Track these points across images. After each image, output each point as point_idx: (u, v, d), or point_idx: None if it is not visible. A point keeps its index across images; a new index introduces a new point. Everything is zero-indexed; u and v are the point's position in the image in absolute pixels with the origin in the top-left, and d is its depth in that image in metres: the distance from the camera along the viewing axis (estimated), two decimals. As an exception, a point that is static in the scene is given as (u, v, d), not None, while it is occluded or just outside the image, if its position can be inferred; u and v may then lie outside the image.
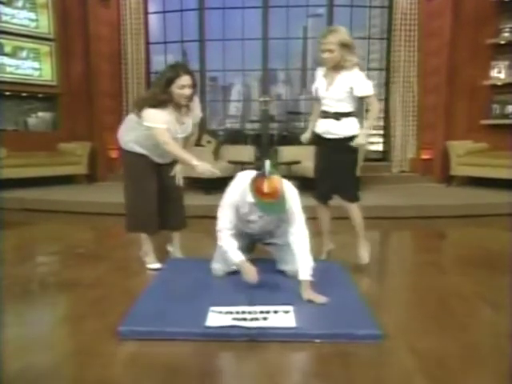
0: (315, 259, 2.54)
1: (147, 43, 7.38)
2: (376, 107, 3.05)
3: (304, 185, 3.66)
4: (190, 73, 2.76)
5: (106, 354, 1.95)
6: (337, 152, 3.03)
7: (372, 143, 7.51)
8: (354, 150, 3.06)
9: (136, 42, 7.13)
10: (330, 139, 3.05)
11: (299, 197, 2.58)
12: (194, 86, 2.78)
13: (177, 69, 2.76)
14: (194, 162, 2.73)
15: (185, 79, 2.71)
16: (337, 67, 2.96)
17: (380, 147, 7.47)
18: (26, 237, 4.22)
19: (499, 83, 6.35)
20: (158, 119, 2.73)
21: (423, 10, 6.66)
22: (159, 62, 7.80)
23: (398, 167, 6.97)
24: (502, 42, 6.30)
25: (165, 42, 7.56)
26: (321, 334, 2.04)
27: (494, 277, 3.01)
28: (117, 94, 7.22)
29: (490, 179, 5.93)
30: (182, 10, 7.38)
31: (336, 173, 3.07)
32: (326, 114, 3.05)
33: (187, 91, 2.73)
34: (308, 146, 5.12)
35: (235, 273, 2.75)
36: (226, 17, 7.36)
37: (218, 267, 2.79)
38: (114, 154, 7.19)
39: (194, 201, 4.43)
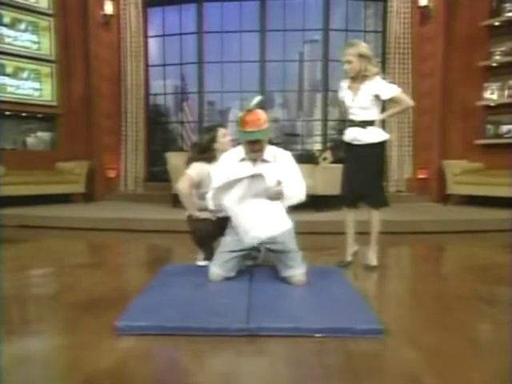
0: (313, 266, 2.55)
1: (146, 65, 7.54)
2: (406, 103, 3.19)
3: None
4: (224, 126, 3.27)
5: (101, 349, 1.89)
6: (364, 158, 3.18)
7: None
8: (380, 157, 3.24)
9: (136, 64, 7.29)
10: (357, 145, 3.19)
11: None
12: None
13: (215, 126, 3.31)
14: (196, 213, 3.03)
15: (223, 130, 3.18)
16: (359, 77, 3.14)
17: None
18: (23, 250, 4.17)
19: (492, 104, 6.47)
20: (193, 168, 3.06)
21: (416, 35, 6.87)
22: (159, 86, 7.94)
23: (395, 187, 7.02)
24: (494, 65, 6.45)
25: (164, 65, 7.73)
26: (321, 329, 1.99)
27: (493, 283, 3.00)
28: (116, 115, 7.33)
29: (485, 198, 5.97)
30: (180, 34, 7.56)
31: (364, 178, 3.18)
32: (352, 123, 3.22)
33: (229, 137, 3.17)
34: (304, 165, 5.17)
35: (232, 278, 2.75)
36: (223, 40, 7.53)
37: (215, 271, 2.75)
38: (111, 174, 7.23)
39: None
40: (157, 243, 4.66)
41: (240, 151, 2.78)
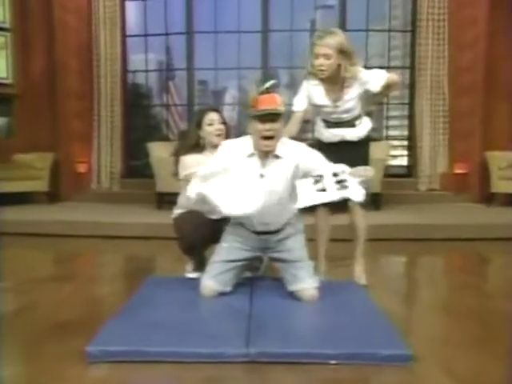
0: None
1: (124, 36, 7.54)
2: (397, 81, 3.15)
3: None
4: (216, 110, 3.32)
5: (69, 379, 1.91)
6: (352, 149, 3.18)
7: (394, 157, 7.58)
8: (368, 145, 3.31)
9: (110, 34, 7.28)
10: (344, 142, 3.20)
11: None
12: (224, 123, 3.25)
13: (203, 109, 3.46)
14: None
15: (212, 115, 3.23)
16: (334, 79, 3.01)
17: (404, 161, 7.52)
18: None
19: (547, 82, 6.46)
20: (184, 165, 3.09)
21: (454, -4, 6.83)
22: (139, 61, 7.94)
23: (427, 184, 7.01)
24: (551, 33, 6.44)
25: (145, 35, 7.74)
26: (337, 355, 2.01)
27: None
28: (87, 96, 7.33)
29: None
30: (166, -3, 7.56)
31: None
32: (337, 125, 3.20)
33: (217, 126, 3.20)
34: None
35: (229, 294, 2.75)
36: (218, 5, 7.54)
37: (208, 285, 2.75)
38: (81, 168, 7.24)
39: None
40: (137, 251, 4.69)
41: (248, 144, 2.75)
